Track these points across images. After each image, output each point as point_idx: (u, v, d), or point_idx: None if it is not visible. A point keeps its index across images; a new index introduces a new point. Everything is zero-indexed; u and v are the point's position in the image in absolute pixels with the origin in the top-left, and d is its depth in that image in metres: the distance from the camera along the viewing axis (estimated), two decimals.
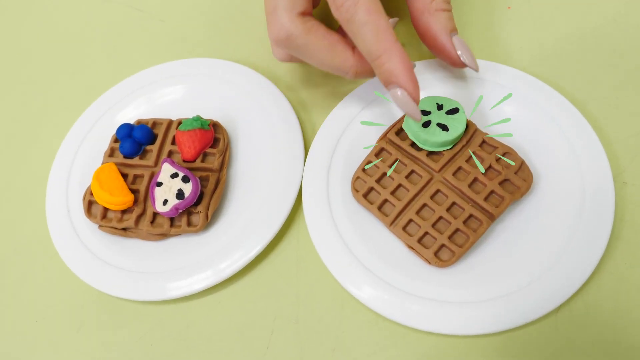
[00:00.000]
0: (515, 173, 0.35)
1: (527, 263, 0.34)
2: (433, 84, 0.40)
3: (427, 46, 0.37)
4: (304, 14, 0.32)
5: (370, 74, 0.35)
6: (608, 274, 0.34)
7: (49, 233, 0.40)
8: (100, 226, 0.39)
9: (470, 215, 0.35)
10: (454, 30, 0.36)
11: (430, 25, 0.35)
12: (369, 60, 0.32)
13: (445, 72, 0.41)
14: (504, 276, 0.33)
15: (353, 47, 0.34)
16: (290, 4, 0.32)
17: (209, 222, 0.38)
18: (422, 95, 0.40)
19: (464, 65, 0.36)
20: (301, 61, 0.36)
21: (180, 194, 0.37)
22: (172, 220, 0.38)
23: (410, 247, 0.35)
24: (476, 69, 0.36)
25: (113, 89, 0.46)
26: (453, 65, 0.37)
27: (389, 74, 0.31)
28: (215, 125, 0.41)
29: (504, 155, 0.36)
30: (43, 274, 0.40)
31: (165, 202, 0.37)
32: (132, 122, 0.44)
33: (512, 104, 0.39)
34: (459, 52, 0.35)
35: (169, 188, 0.38)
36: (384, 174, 0.37)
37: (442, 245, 0.34)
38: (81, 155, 0.43)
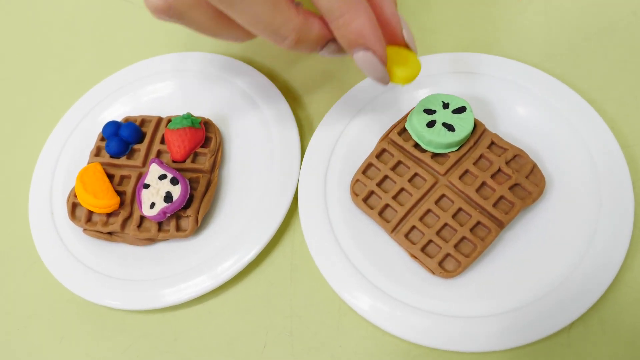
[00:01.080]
0: (527, 177, 0.33)
1: (538, 275, 0.32)
2: (438, 81, 0.38)
3: None
4: None
5: (313, 44, 0.28)
6: (626, 288, 0.32)
7: (31, 237, 0.39)
8: (84, 230, 0.37)
9: (478, 223, 0.33)
10: (396, 4, 0.31)
11: None
12: (330, 20, 0.27)
13: (452, 68, 0.38)
14: (513, 289, 0.31)
15: (297, 6, 0.27)
16: None
17: (199, 226, 0.36)
18: (428, 92, 0.38)
19: (403, 42, 0.30)
20: (194, 22, 0.28)
21: (168, 197, 0.35)
22: (160, 224, 0.36)
23: (413, 256, 0.33)
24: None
25: (100, 84, 0.44)
26: (393, 41, 0.30)
27: (356, 34, 0.27)
28: (206, 124, 0.39)
29: (514, 157, 0.34)
30: (25, 280, 0.38)
31: (152, 205, 0.35)
32: (119, 119, 0.42)
33: (523, 102, 0.36)
34: (404, 31, 0.30)
35: (156, 190, 0.35)
36: (386, 176, 0.35)
37: (447, 255, 0.32)
38: (66, 155, 0.41)
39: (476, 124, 0.35)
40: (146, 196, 0.36)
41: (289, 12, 0.26)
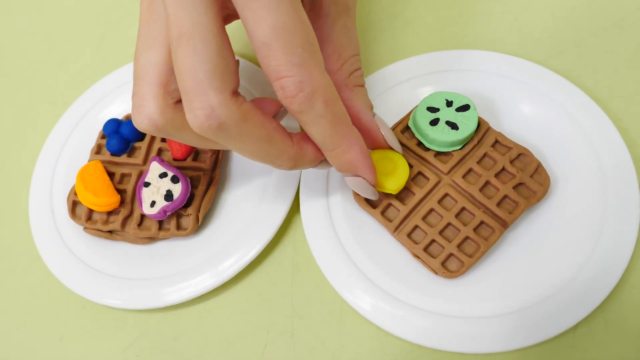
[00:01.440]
0: (531, 176, 0.33)
1: (542, 275, 0.31)
2: (442, 79, 0.38)
3: None
4: (235, 93, 0.25)
5: (309, 164, 0.29)
6: (631, 289, 0.31)
7: (31, 235, 0.38)
8: (85, 228, 0.37)
9: (482, 222, 0.32)
10: (372, 108, 0.33)
11: (352, 102, 0.32)
12: (324, 150, 0.28)
13: (455, 65, 0.38)
14: (517, 289, 0.31)
15: (291, 136, 0.28)
16: (221, 80, 0.24)
17: (199, 225, 0.36)
18: (431, 90, 0.37)
19: (387, 146, 0.33)
20: (219, 146, 0.29)
21: (168, 196, 0.35)
22: (160, 223, 0.36)
23: (416, 256, 0.32)
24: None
25: (101, 81, 0.43)
26: (373, 146, 0.33)
27: (348, 164, 0.29)
28: None
29: (518, 156, 0.33)
30: (24, 278, 0.38)
31: (153, 203, 0.35)
32: (121, 117, 0.41)
33: (528, 100, 0.36)
34: (384, 133, 0.32)
35: (157, 189, 0.35)
36: None
37: (450, 255, 0.32)
38: (67, 153, 0.41)
39: (480, 122, 0.34)
40: (146, 194, 0.35)
41: (283, 145, 0.27)
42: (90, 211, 0.37)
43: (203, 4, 0.24)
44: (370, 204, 0.34)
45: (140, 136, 0.39)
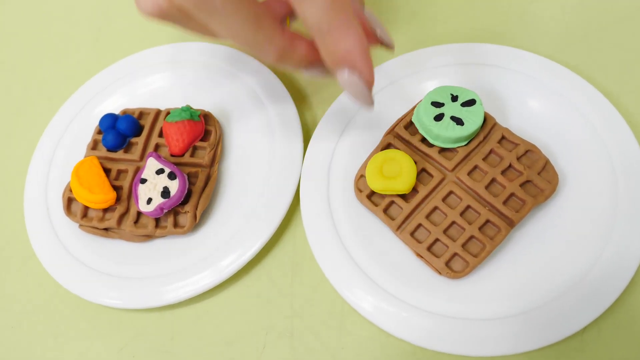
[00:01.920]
0: (539, 174, 0.32)
1: (550, 276, 0.30)
2: (447, 72, 0.37)
3: None
4: None
5: (298, 62, 0.27)
6: None
7: (26, 232, 0.38)
8: (80, 226, 0.36)
9: (487, 221, 0.31)
10: (362, 3, 0.29)
11: None
12: (317, 35, 0.25)
13: (461, 59, 0.37)
14: (523, 291, 0.30)
15: (283, 28, 0.26)
16: None
17: (197, 223, 0.35)
18: (436, 84, 0.36)
19: (378, 42, 0.29)
20: (188, 26, 0.26)
21: (165, 192, 0.34)
22: (157, 220, 0.35)
23: (419, 256, 0.31)
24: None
25: (98, 76, 0.43)
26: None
27: (344, 55, 0.25)
28: (206, 116, 0.38)
29: (526, 153, 0.32)
30: (19, 277, 0.37)
31: (149, 200, 0.34)
32: (117, 112, 0.41)
33: (536, 95, 0.35)
34: (375, 29, 0.28)
35: (153, 185, 0.34)
36: None
37: (455, 254, 0.31)
38: (62, 148, 0.40)
39: (486, 118, 0.33)
40: (143, 191, 0.34)
41: (272, 31, 0.25)
42: (86, 208, 0.36)
43: None
44: (373, 201, 0.33)
45: (137, 132, 0.38)
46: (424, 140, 0.34)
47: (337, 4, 0.24)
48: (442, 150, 0.33)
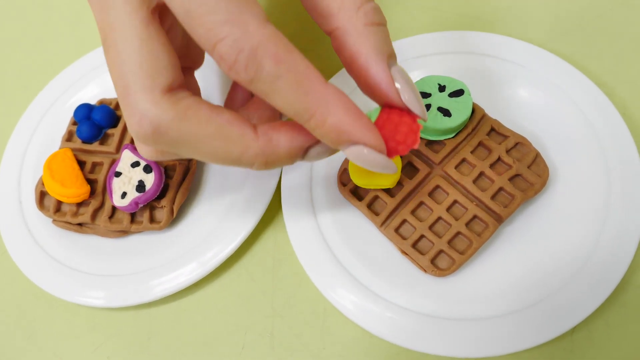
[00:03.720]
0: (529, 167, 0.31)
1: (539, 274, 0.29)
2: (433, 62, 0.35)
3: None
4: (171, 88, 0.22)
5: (288, 159, 0.24)
6: (635, 289, 0.29)
7: None
8: (54, 221, 0.35)
9: (474, 217, 0.30)
10: (392, 56, 0.24)
11: (359, 48, 0.23)
12: (301, 122, 0.22)
13: (449, 47, 0.35)
14: (512, 289, 0.29)
15: (254, 126, 0.23)
16: (149, 78, 0.22)
17: (174, 218, 0.34)
18: (422, 74, 0.35)
19: (403, 106, 0.24)
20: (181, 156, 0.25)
21: (140, 186, 0.33)
22: (132, 215, 0.34)
23: (404, 253, 0.30)
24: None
25: (74, 64, 0.41)
26: (385, 104, 0.24)
27: (336, 133, 0.22)
28: None
29: (515, 145, 0.31)
30: None
31: (124, 194, 0.33)
32: (93, 102, 0.39)
33: (527, 85, 0.34)
34: (400, 90, 0.23)
35: (128, 179, 0.33)
36: None
37: (441, 251, 0.30)
38: (37, 140, 0.39)
39: (475, 109, 0.32)
40: (117, 185, 0.33)
41: (243, 140, 0.22)
42: (59, 203, 0.35)
43: (122, 2, 0.22)
44: (357, 195, 0.32)
45: (114, 122, 0.37)
46: None
47: (299, 80, 0.21)
48: (429, 142, 0.32)
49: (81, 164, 0.36)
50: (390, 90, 0.23)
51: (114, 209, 0.34)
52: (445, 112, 0.31)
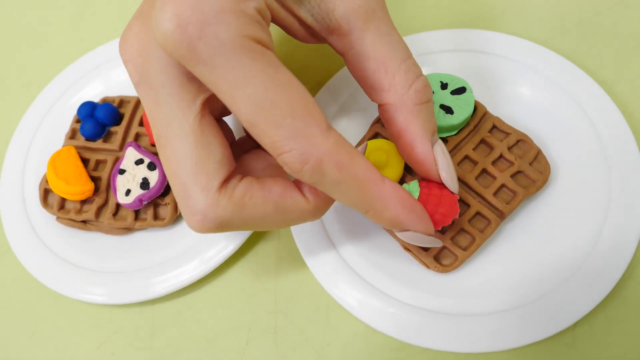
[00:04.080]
0: (530, 164, 0.31)
1: (541, 270, 0.29)
2: (437, 59, 0.35)
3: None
4: (227, 180, 0.23)
5: (332, 202, 0.26)
6: (636, 284, 0.29)
7: (1, 225, 0.36)
8: (57, 218, 0.35)
9: (477, 213, 0.30)
10: (435, 132, 0.27)
11: (408, 126, 0.26)
12: (361, 212, 0.24)
13: (451, 45, 0.36)
14: (513, 285, 0.29)
15: (299, 188, 0.25)
16: (204, 176, 0.23)
17: (178, 215, 0.34)
18: (424, 72, 0.35)
19: (441, 182, 0.27)
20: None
21: (145, 184, 0.33)
22: (136, 212, 0.34)
23: (407, 249, 0.30)
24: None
25: (77, 62, 0.41)
26: (425, 177, 0.28)
27: (391, 222, 0.25)
28: None
29: (517, 142, 0.31)
30: None
31: (128, 192, 0.33)
32: (96, 99, 0.39)
33: (528, 83, 0.34)
34: (439, 168, 0.26)
35: (132, 176, 0.33)
36: None
37: (443, 248, 0.30)
38: (40, 137, 0.39)
39: (477, 106, 0.32)
40: (121, 182, 0.33)
41: (298, 207, 0.24)
42: (63, 200, 0.35)
43: (176, 98, 0.22)
44: None
45: (117, 120, 0.37)
46: None
47: (360, 183, 0.23)
48: None
49: (85, 161, 0.36)
50: (432, 169, 0.26)
51: (118, 206, 0.34)
52: (448, 110, 0.31)
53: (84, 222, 0.35)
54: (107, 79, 0.40)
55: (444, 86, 0.32)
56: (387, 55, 0.25)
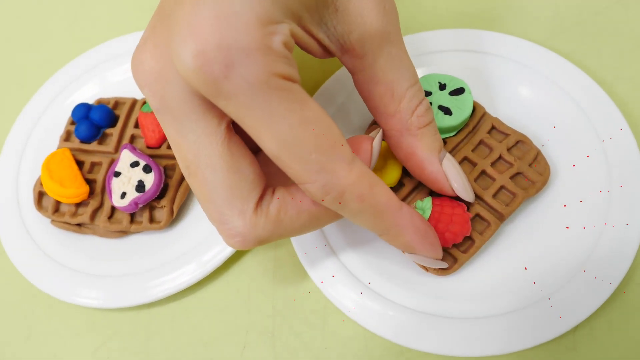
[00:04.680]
0: (530, 165, 0.31)
1: (541, 273, 0.29)
2: (435, 60, 0.35)
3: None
4: (261, 199, 0.24)
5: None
6: (637, 287, 0.29)
7: None
8: (52, 221, 0.35)
9: (476, 215, 0.30)
10: (441, 149, 0.28)
11: (415, 149, 0.27)
12: (377, 234, 0.26)
13: (449, 45, 0.35)
14: (513, 288, 0.29)
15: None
16: (239, 200, 0.23)
17: (174, 218, 0.34)
18: (422, 72, 0.35)
19: (454, 195, 0.28)
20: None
21: (140, 186, 0.32)
22: (132, 215, 0.34)
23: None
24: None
25: (72, 63, 0.41)
26: (440, 192, 0.29)
27: (404, 246, 0.26)
28: None
29: (516, 143, 0.31)
30: None
31: (123, 195, 0.32)
32: (91, 101, 0.39)
33: (527, 83, 0.34)
34: (451, 182, 0.28)
35: (127, 179, 0.33)
36: None
37: (442, 250, 0.29)
38: (34, 139, 0.38)
39: (475, 107, 0.32)
40: (117, 185, 0.33)
41: (329, 212, 0.25)
42: (58, 203, 0.35)
43: (201, 125, 0.22)
44: None
45: (112, 122, 0.36)
46: None
47: (379, 212, 0.24)
48: None
49: (80, 163, 0.35)
50: (444, 185, 0.28)
51: (113, 209, 0.34)
52: (446, 111, 0.31)
53: (79, 225, 0.34)
54: (103, 80, 0.40)
55: (442, 87, 0.32)
56: (396, 80, 0.26)
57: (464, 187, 0.28)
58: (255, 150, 0.25)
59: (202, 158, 0.23)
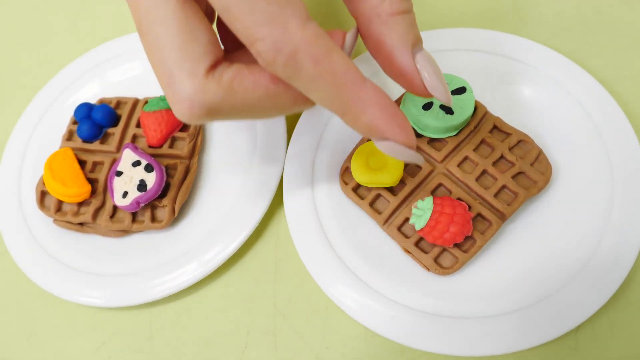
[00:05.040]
0: (532, 165, 0.31)
1: (543, 272, 0.29)
2: (436, 59, 0.34)
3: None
4: (214, 65, 0.22)
5: None
6: (639, 287, 0.29)
7: None
8: (54, 220, 0.35)
9: (478, 215, 0.30)
10: (417, 43, 0.25)
11: (383, 38, 0.24)
12: (337, 115, 0.23)
13: (450, 45, 0.35)
14: (515, 288, 0.29)
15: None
16: (191, 62, 0.21)
17: (176, 217, 0.34)
18: None
19: (428, 94, 0.25)
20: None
21: (142, 186, 0.32)
22: (134, 215, 0.34)
23: (407, 251, 0.30)
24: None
25: (73, 63, 0.41)
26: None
27: (369, 128, 0.23)
28: None
29: (518, 143, 0.31)
30: None
31: (125, 194, 0.33)
32: (93, 101, 0.39)
33: (529, 82, 0.34)
34: (424, 77, 0.24)
35: (129, 178, 0.33)
36: None
37: (444, 250, 0.30)
38: (37, 139, 0.38)
39: (477, 107, 0.32)
40: (118, 184, 0.33)
41: (291, 91, 0.23)
42: (60, 202, 0.35)
43: None
44: (359, 194, 0.32)
45: (114, 122, 0.37)
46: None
47: (338, 80, 0.21)
48: (431, 140, 0.32)
49: (82, 163, 0.35)
50: (415, 79, 0.24)
51: (115, 208, 0.34)
52: (448, 110, 0.31)
53: (81, 224, 0.34)
54: (104, 80, 0.40)
55: None
56: None
57: (438, 84, 0.24)
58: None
59: (154, 15, 0.22)
